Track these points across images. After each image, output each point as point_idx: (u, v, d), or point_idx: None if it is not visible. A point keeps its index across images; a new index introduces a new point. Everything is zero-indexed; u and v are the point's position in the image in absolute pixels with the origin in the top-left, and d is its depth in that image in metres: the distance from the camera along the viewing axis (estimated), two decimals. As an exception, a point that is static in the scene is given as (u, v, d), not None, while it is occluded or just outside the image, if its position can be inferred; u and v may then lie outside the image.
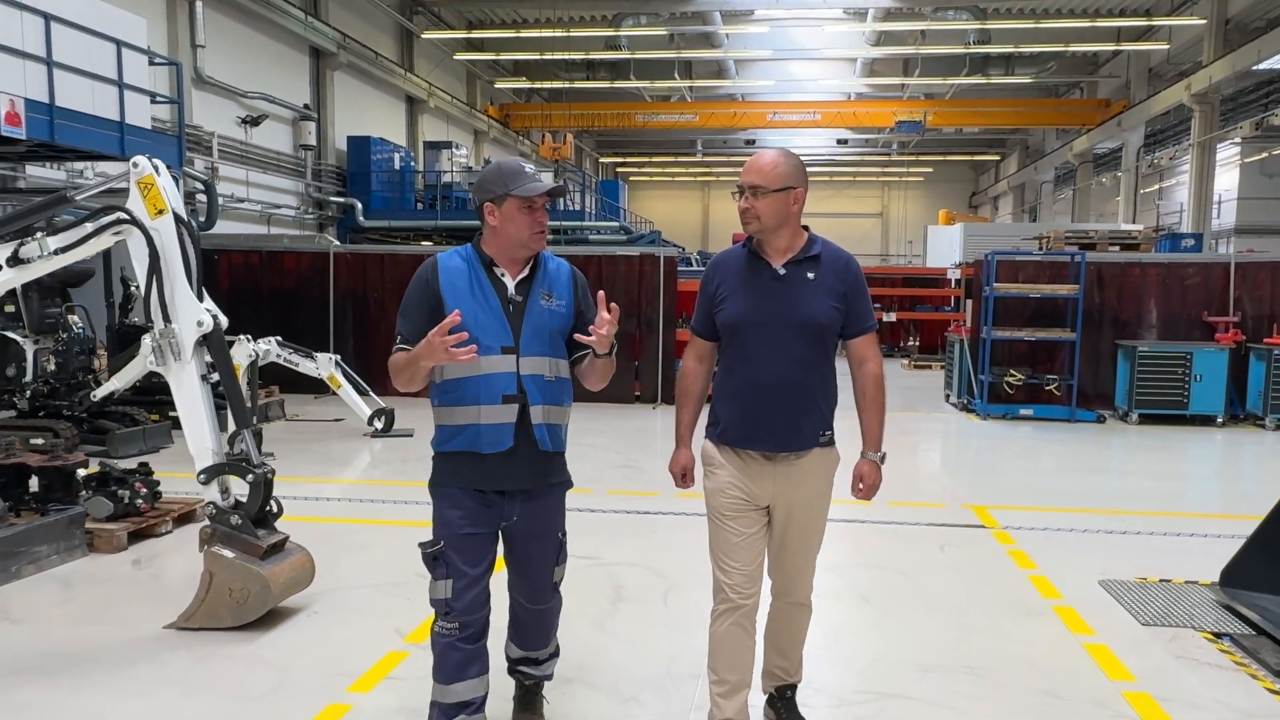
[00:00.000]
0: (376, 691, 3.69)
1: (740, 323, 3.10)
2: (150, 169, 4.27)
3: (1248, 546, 4.81)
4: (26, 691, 3.67)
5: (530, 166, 3.03)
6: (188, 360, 4.35)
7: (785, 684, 3.40)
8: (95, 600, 4.74)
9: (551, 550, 3.14)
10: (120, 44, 11.11)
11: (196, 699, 3.63)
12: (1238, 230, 28.19)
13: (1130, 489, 8.02)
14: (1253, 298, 11.30)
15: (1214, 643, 4.29)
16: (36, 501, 5.55)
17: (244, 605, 4.25)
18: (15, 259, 4.36)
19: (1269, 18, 21.26)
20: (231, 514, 4.32)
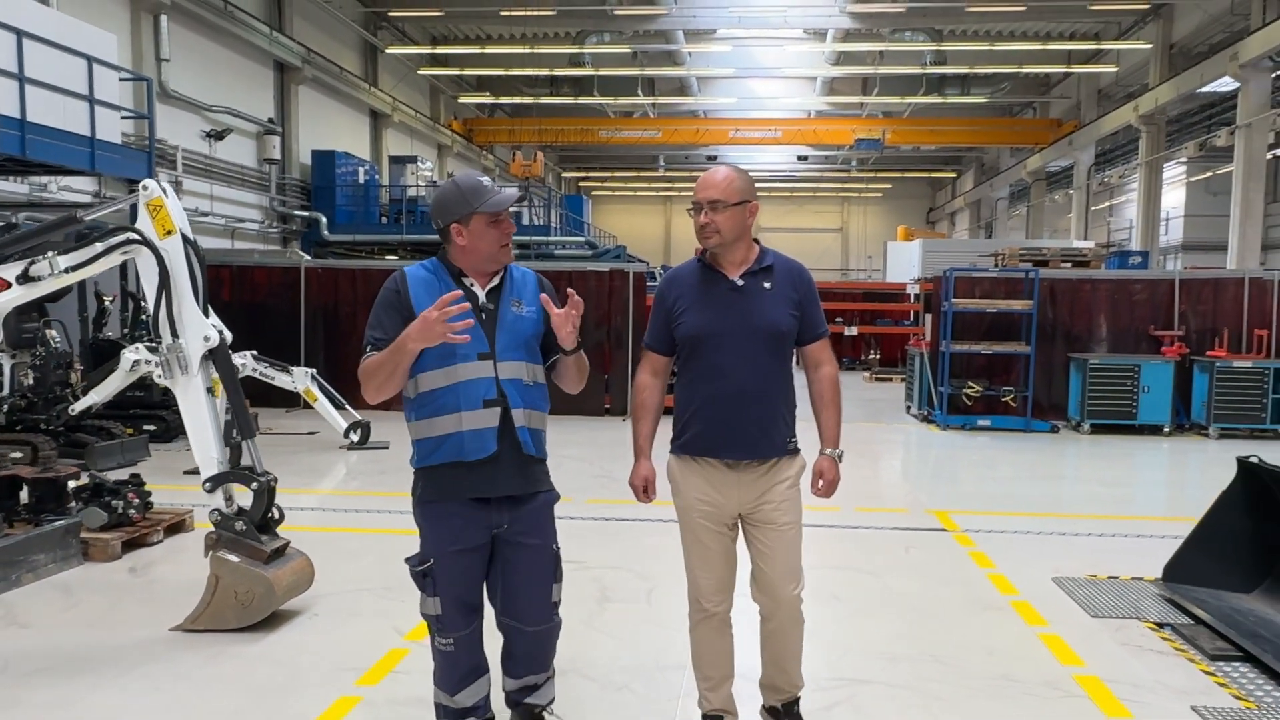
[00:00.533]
0: (384, 684, 3.94)
1: (703, 334, 3.19)
2: (159, 191, 4.51)
3: (1187, 545, 5.22)
4: (46, 691, 3.86)
5: (486, 179, 3.06)
6: (194, 373, 4.57)
7: (790, 699, 3.45)
8: (97, 606, 4.93)
9: (547, 563, 3.10)
10: (91, 60, 11.21)
11: (211, 694, 3.85)
12: (1184, 246, 29.28)
13: (1082, 494, 8.49)
14: (1196, 312, 11.91)
15: (1156, 631, 4.68)
16: (28, 512, 5.72)
17: (249, 607, 4.47)
18: (25, 277, 4.56)
19: (1211, 43, 22.24)
20: (236, 520, 4.55)
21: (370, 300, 10.93)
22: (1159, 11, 22.69)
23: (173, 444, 9.80)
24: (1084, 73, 27.09)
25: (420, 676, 3.86)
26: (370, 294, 12.00)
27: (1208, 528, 5.19)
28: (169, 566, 5.66)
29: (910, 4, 21.78)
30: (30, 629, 4.58)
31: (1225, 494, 5.18)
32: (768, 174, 42.77)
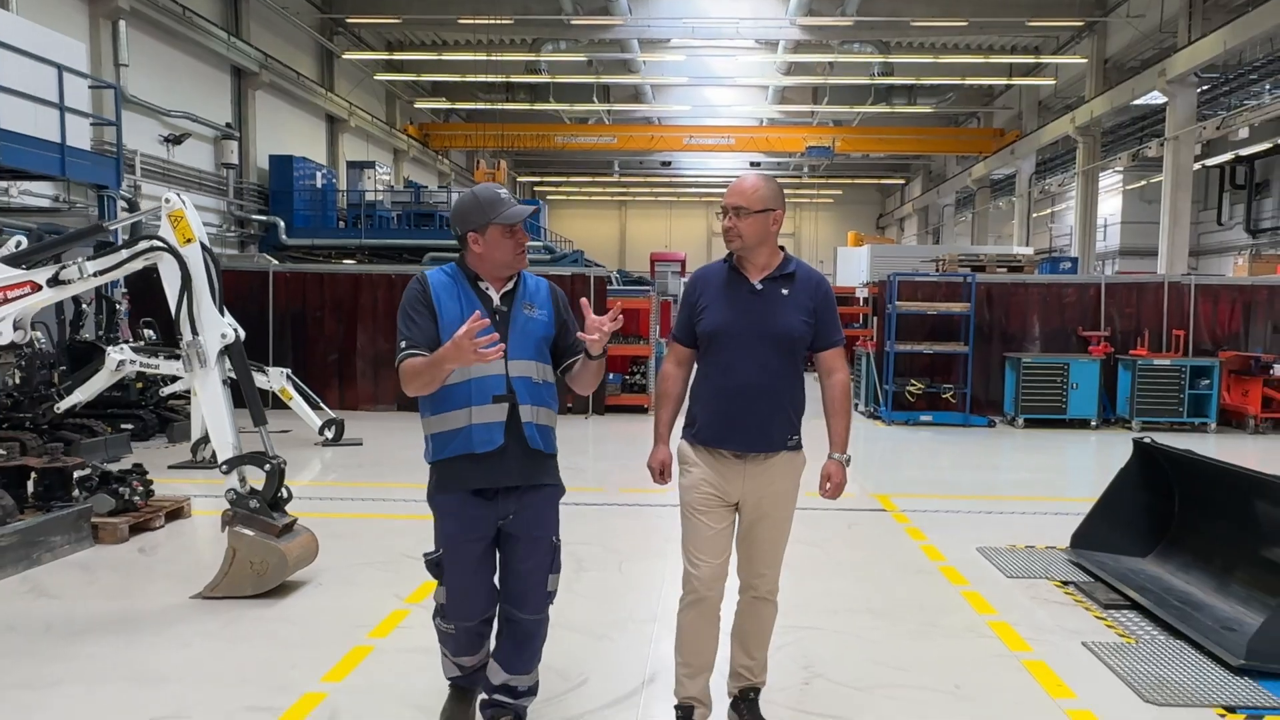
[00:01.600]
0: (392, 636, 4.54)
1: (718, 332, 3.39)
2: (180, 204, 5.06)
3: (1091, 516, 6.01)
4: (90, 647, 4.40)
5: (504, 192, 3.26)
6: (212, 367, 5.12)
7: (750, 685, 3.62)
8: (116, 580, 5.45)
9: (546, 553, 3.29)
10: (61, 68, 11.57)
11: (239, 648, 4.41)
12: (1121, 252, 30.66)
13: (1011, 480, 9.33)
14: (1121, 314, 12.89)
15: (1061, 588, 5.45)
16: (38, 500, 6.19)
17: (263, 576, 5.03)
18: (55, 280, 5.08)
19: (1142, 58, 23.52)
20: (250, 498, 5.11)
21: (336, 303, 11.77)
22: (1093, 28, 23.94)
23: (150, 441, 10.23)
24: (1024, 85, 28.37)
25: (423, 630, 4.44)
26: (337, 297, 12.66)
27: (1108, 501, 5.99)
28: (173, 547, 6.19)
29: (858, 18, 22.71)
30: (60, 599, 5.09)
31: (1123, 471, 6.00)
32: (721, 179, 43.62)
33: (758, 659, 3.60)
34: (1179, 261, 20.84)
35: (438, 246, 22.08)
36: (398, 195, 24.68)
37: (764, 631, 3.59)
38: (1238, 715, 3.77)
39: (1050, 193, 32.34)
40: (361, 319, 13.10)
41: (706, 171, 41.50)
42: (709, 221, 49.67)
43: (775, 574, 3.54)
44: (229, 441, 5.17)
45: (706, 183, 44.71)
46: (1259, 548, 5.03)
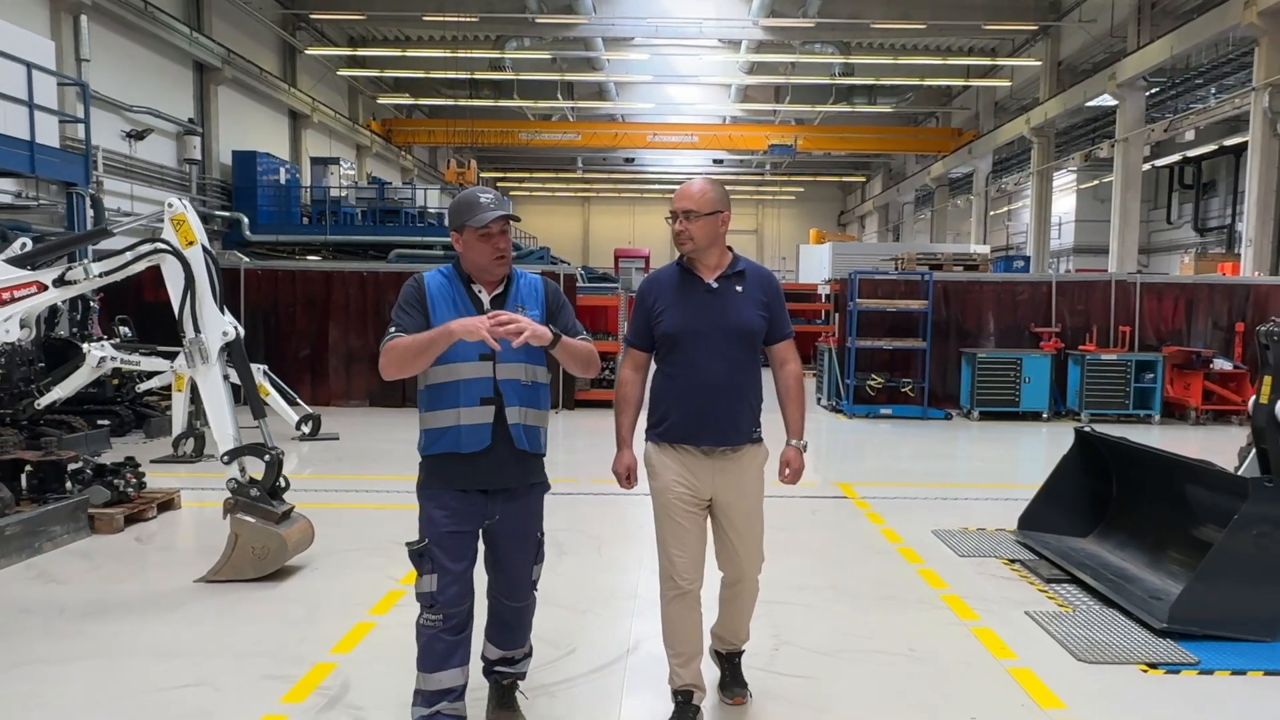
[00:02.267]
0: (392, 613, 4.90)
1: (681, 332, 3.51)
2: (183, 208, 5.37)
3: (1036, 500, 6.50)
4: (103, 626, 4.70)
5: (485, 196, 3.28)
6: (213, 363, 5.43)
7: (733, 649, 3.88)
8: (118, 567, 5.74)
9: (530, 549, 3.43)
10: (30, 66, 11.70)
11: (248, 625, 4.74)
12: (1076, 250, 31.61)
13: (965, 469, 9.87)
14: (1071, 311, 13.51)
15: (1008, 565, 5.94)
16: (32, 493, 6.44)
17: (264, 560, 5.36)
18: (61, 280, 5.36)
19: (1094, 62, 24.35)
20: (250, 487, 5.43)
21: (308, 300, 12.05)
22: (1047, 32, 24.74)
23: (127, 436, 10.43)
24: (981, 86, 29.17)
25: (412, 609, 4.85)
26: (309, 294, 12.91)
27: (1052, 486, 6.50)
28: (168, 537, 6.48)
29: (819, 19, 23.26)
30: (68, 584, 5.37)
31: (1065, 458, 6.51)
32: (684, 176, 44.05)
33: (741, 630, 3.84)
34: (1129, 259, 21.66)
35: (403, 243, 22.31)
36: (362, 192, 24.81)
37: (747, 607, 3.79)
38: (1158, 670, 4.26)
39: (1007, 191, 33.24)
40: (333, 316, 13.34)
41: (670, 168, 41.95)
42: (672, 218, 50.16)
43: (758, 563, 3.70)
44: (230, 434, 5.48)
45: (670, 179, 45.11)
46: (1188, 526, 5.54)
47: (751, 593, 3.75)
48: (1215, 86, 20.84)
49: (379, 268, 14.04)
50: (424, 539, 3.28)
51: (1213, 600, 4.60)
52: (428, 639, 3.29)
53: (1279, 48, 16.56)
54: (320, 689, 3.97)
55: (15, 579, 5.43)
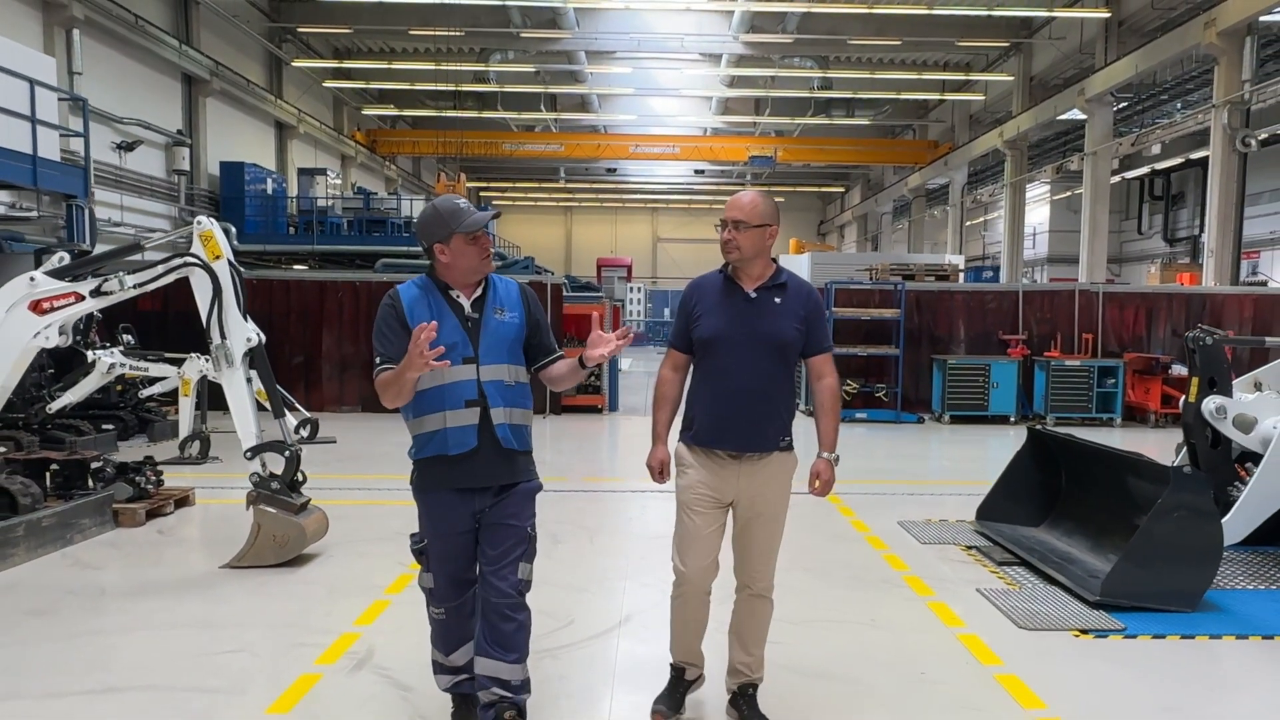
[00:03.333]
0: (405, 592, 5.43)
1: (715, 338, 3.59)
2: (210, 225, 5.90)
3: (992, 492, 7.12)
4: (146, 604, 5.22)
5: (463, 202, 3.37)
6: (238, 366, 5.96)
7: (748, 682, 3.81)
8: (146, 555, 6.25)
9: (520, 542, 3.40)
10: (34, 82, 12.17)
11: (276, 603, 5.27)
12: (1050, 259, 32.52)
13: (934, 468, 10.50)
14: (1037, 319, 14.21)
15: (965, 551, 6.54)
16: (57, 490, 6.94)
17: (285, 548, 5.88)
18: (98, 291, 5.87)
19: (1065, 77, 25.18)
20: (271, 480, 5.95)
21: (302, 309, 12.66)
22: (1019, 48, 25.56)
23: (131, 440, 10.90)
24: (956, 100, 30.00)
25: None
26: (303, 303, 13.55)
27: (1006, 479, 7.12)
28: (188, 530, 6.99)
29: (798, 35, 23.98)
30: (103, 570, 5.88)
31: (1019, 454, 7.13)
32: (666, 186, 44.83)
33: (755, 655, 3.80)
34: (1099, 269, 22.44)
35: (390, 253, 22.80)
36: (348, 202, 25.26)
37: (761, 629, 3.79)
38: (1088, 635, 4.87)
39: (982, 202, 34.12)
40: (327, 324, 13.84)
41: (651, 178, 42.61)
42: (654, 227, 50.84)
43: (771, 572, 3.74)
44: (253, 431, 6.00)
45: (651, 189, 45.82)
46: (1126, 513, 6.14)
47: (765, 609, 3.79)
48: (1180, 102, 21.69)
49: (370, 278, 14.57)
50: (423, 538, 3.47)
51: (1139, 576, 5.21)
52: (439, 627, 3.52)
53: (1237, 67, 17.38)
54: (349, 653, 4.51)
55: (53, 566, 5.93)
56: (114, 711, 3.86)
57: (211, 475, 8.99)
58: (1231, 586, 5.70)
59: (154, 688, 4.09)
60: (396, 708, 3.91)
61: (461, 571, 3.44)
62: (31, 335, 5.87)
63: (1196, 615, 5.13)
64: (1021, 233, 28.17)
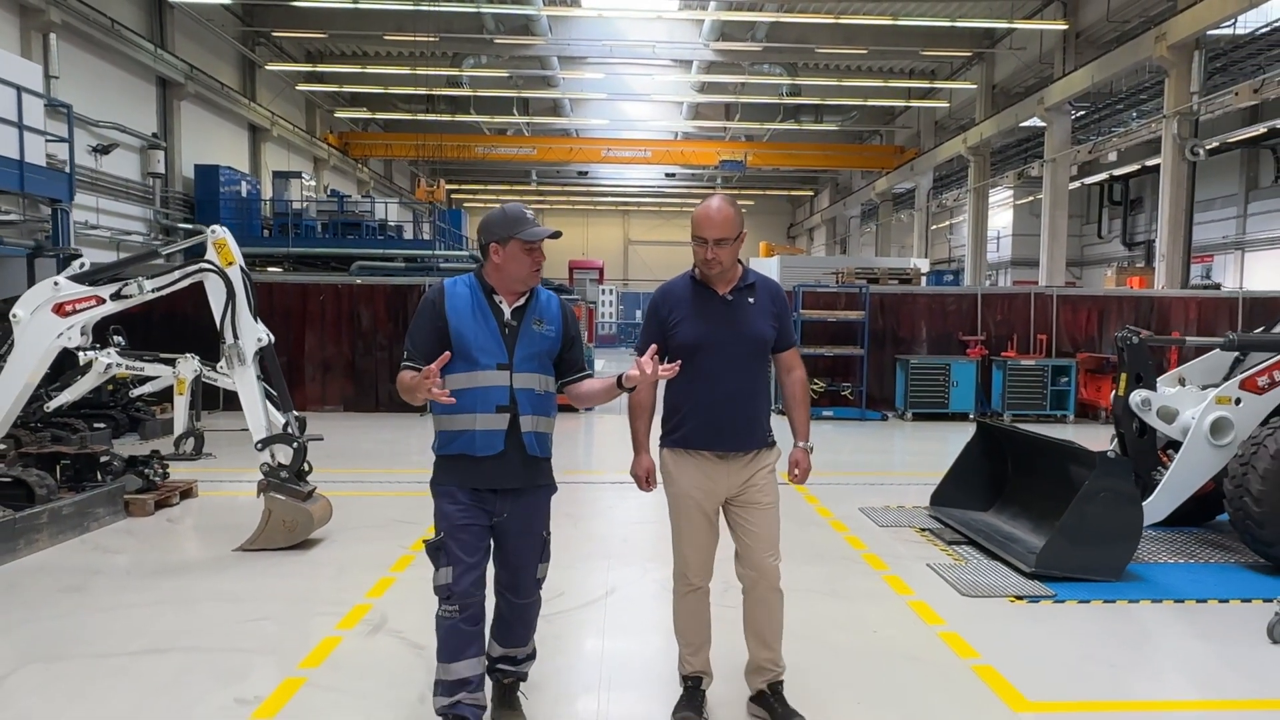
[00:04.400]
0: (409, 570, 5.98)
1: (699, 343, 3.65)
2: (224, 234, 6.42)
3: (944, 480, 7.78)
4: (169, 581, 5.74)
5: (530, 212, 3.51)
6: (249, 364, 6.47)
7: (775, 679, 3.88)
8: (160, 541, 6.75)
9: (537, 547, 3.60)
10: (20, 89, 12.56)
11: (291, 580, 5.80)
12: (1014, 262, 33.47)
13: (895, 461, 11.19)
14: (995, 321, 14.97)
15: (919, 533, 7.19)
16: (68, 482, 7.40)
17: (294, 532, 6.41)
18: (118, 295, 6.37)
19: (1026, 85, 26.12)
20: (280, 470, 6.48)
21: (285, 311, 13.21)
22: (982, 57, 26.45)
23: (123, 438, 11.31)
24: (921, 107, 30.88)
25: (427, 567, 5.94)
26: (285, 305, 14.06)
27: (957, 468, 7.78)
28: (195, 519, 7.49)
29: (767, 44, 24.71)
30: (122, 554, 6.38)
31: (968, 445, 7.81)
32: (637, 189, 45.44)
33: (776, 650, 3.88)
34: (1058, 273, 23.36)
35: (365, 255, 23.28)
36: (323, 204, 25.63)
37: (778, 623, 3.88)
38: (1022, 600, 5.52)
39: (948, 206, 35.05)
40: (310, 325, 14.30)
41: (623, 181, 43.22)
42: (625, 229, 51.46)
43: (777, 560, 3.83)
44: (263, 424, 6.52)
45: (622, 192, 46.44)
46: (1063, 496, 6.79)
47: (777, 599, 3.85)
48: (1136, 111, 22.64)
49: (353, 280, 15.03)
50: (440, 533, 3.49)
51: (1069, 550, 5.88)
52: (446, 630, 3.48)
53: (1186, 79, 18.30)
54: (364, 620, 5.06)
55: (75, 551, 6.42)
56: (161, 668, 4.38)
57: (208, 470, 9.46)
58: (1154, 561, 6.39)
59: (193, 649, 4.63)
60: (413, 663, 4.46)
61: (475, 566, 3.48)
62: (55, 336, 6.36)
63: (1120, 584, 5.80)
64: (984, 236, 29.08)
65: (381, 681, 4.27)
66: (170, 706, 3.97)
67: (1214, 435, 6.48)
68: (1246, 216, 25.34)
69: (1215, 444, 6.48)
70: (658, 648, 4.68)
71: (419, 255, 23.78)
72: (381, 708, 4.00)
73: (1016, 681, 4.31)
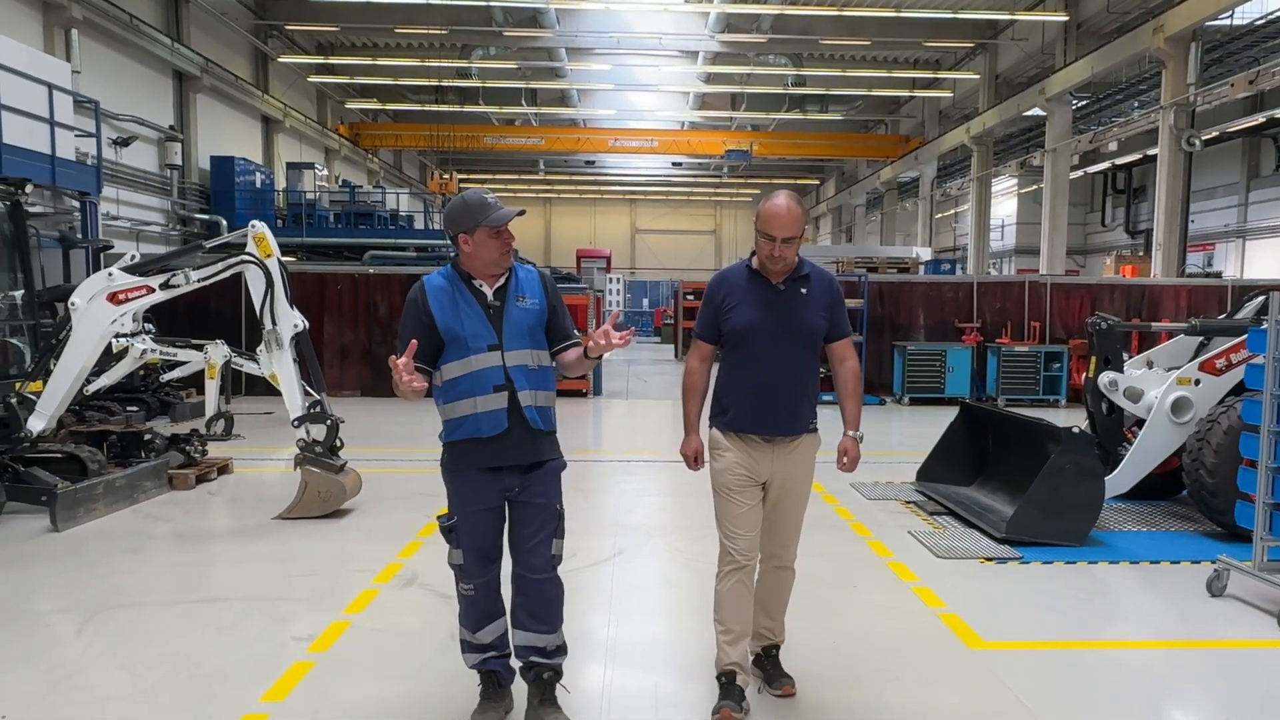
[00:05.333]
0: (434, 536, 6.50)
1: (749, 329, 3.78)
2: (263, 229, 7.03)
3: (930, 457, 8.37)
4: (218, 545, 6.39)
5: (491, 197, 3.58)
6: (286, 348, 7.09)
7: (771, 644, 4.13)
8: (204, 511, 7.40)
9: (550, 519, 3.66)
10: (52, 87, 13.19)
11: (328, 544, 6.44)
12: (1017, 250, 33.89)
13: (890, 442, 11.79)
14: (990, 309, 15.54)
15: (904, 505, 7.80)
16: (115, 458, 8.04)
17: (328, 501, 7.05)
18: (166, 285, 6.99)
19: (1029, 76, 26.58)
20: (315, 445, 7.10)
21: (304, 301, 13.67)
22: (985, 48, 26.90)
23: (153, 421, 11.96)
24: (925, 96, 31.34)
25: (455, 531, 6.55)
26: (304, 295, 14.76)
27: (941, 445, 8.38)
28: (232, 492, 8.13)
29: (772, 35, 25.22)
30: (172, 522, 7.03)
31: (952, 424, 8.41)
32: (644, 179, 45.96)
33: (778, 620, 4.11)
34: (1058, 262, 23.86)
35: (377, 245, 23.89)
36: (335, 195, 26.26)
37: (785, 597, 4.09)
38: (991, 561, 6.13)
39: (952, 195, 35.50)
40: (328, 313, 14.94)
41: (630, 170, 43.77)
42: (632, 218, 52.00)
43: (795, 544, 4.01)
44: (299, 403, 7.15)
45: (630, 181, 46.96)
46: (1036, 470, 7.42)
47: (788, 578, 4.09)
48: (1137, 101, 23.11)
49: (369, 270, 15.66)
50: (453, 516, 3.63)
51: (1037, 517, 6.47)
52: (467, 603, 3.67)
53: (1182, 71, 18.79)
54: (398, 576, 5.70)
55: (128, 519, 7.07)
56: (223, 613, 5.02)
57: (238, 449, 10.09)
58: (1119, 529, 6.99)
59: (249, 599, 5.27)
60: (442, 609, 5.07)
61: (489, 547, 3.62)
62: (109, 322, 6.99)
63: (1084, 549, 6.40)
64: (987, 225, 29.58)
65: (417, 622, 4.92)
66: (236, 642, 4.61)
67: (1175, 414, 7.06)
68: (1248, 205, 25.77)
69: (1176, 422, 7.06)
70: (661, 596, 5.30)
71: (430, 245, 24.38)
72: (418, 643, 4.64)
73: (976, 626, 4.93)
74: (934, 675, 4.37)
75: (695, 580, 5.60)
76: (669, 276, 43.46)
